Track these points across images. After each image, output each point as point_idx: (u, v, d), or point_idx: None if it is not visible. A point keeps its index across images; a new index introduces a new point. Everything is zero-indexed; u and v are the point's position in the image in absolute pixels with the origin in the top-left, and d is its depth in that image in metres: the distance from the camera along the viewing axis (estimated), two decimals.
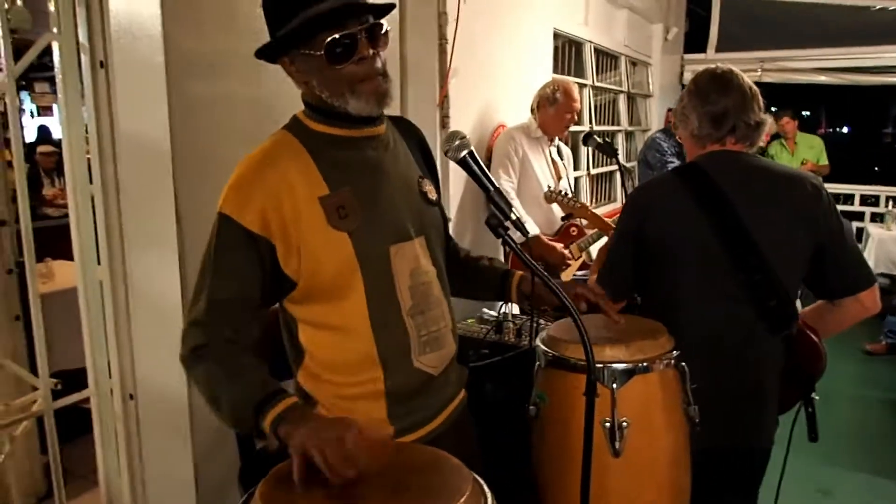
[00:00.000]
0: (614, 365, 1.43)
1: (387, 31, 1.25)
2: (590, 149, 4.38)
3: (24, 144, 4.14)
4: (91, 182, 1.71)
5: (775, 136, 6.59)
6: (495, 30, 3.35)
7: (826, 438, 3.54)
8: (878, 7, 6.00)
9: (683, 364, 1.50)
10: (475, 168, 1.29)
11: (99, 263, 1.73)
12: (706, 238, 1.66)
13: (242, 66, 2.03)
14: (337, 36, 1.17)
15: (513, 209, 1.27)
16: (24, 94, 8.90)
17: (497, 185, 1.28)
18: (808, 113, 13.84)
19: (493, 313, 2.53)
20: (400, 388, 1.31)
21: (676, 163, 3.25)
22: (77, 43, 1.65)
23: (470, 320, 2.58)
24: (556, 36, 4.28)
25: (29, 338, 2.28)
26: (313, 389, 1.32)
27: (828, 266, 1.70)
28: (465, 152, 1.29)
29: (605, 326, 1.61)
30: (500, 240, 1.26)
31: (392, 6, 1.26)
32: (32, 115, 9.36)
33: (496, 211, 1.25)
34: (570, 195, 2.96)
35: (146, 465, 1.77)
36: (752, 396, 1.72)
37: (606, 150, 3.28)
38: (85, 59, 1.65)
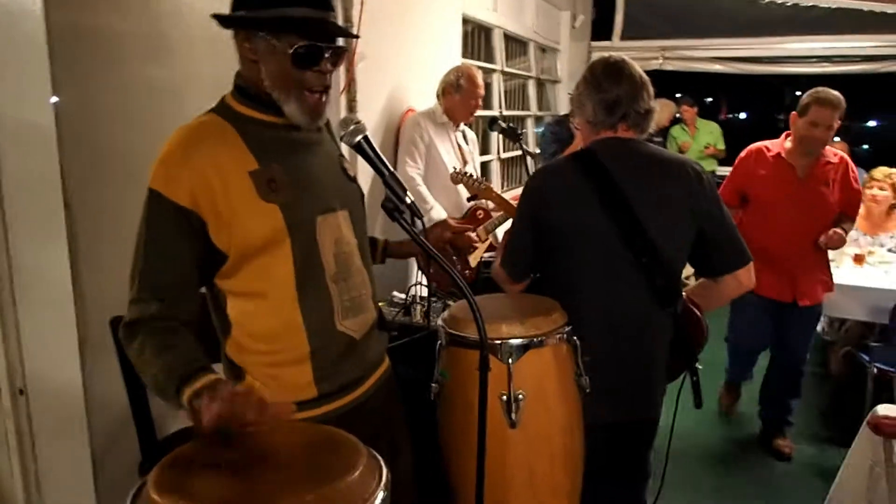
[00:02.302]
0: (510, 340, 1.49)
1: (345, 55, 1.35)
2: (497, 134, 4.47)
3: None
4: None
5: (677, 121, 6.91)
6: (403, 14, 3.35)
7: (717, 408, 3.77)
8: (766, 1, 6.39)
9: (575, 338, 1.58)
10: (370, 152, 1.31)
11: None
12: (598, 221, 1.72)
13: (139, 49, 1.96)
14: (307, 44, 1.24)
15: (407, 193, 1.30)
16: None
17: (391, 170, 1.31)
18: (710, 99, 14.54)
19: (403, 296, 2.56)
20: (324, 350, 1.35)
21: (554, 149, 3.32)
22: None
23: (380, 303, 2.60)
24: (466, 21, 4.32)
25: None
26: (240, 360, 1.35)
27: (709, 246, 1.80)
28: (359, 137, 1.31)
29: (503, 306, 1.68)
30: (396, 222, 1.29)
31: (357, 37, 1.35)
32: None
33: (391, 195, 1.28)
34: (475, 177, 3.02)
35: (40, 464, 1.71)
36: (645, 369, 1.81)
37: (510, 134, 3.35)
38: None
